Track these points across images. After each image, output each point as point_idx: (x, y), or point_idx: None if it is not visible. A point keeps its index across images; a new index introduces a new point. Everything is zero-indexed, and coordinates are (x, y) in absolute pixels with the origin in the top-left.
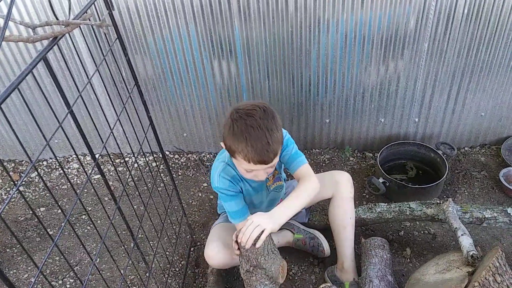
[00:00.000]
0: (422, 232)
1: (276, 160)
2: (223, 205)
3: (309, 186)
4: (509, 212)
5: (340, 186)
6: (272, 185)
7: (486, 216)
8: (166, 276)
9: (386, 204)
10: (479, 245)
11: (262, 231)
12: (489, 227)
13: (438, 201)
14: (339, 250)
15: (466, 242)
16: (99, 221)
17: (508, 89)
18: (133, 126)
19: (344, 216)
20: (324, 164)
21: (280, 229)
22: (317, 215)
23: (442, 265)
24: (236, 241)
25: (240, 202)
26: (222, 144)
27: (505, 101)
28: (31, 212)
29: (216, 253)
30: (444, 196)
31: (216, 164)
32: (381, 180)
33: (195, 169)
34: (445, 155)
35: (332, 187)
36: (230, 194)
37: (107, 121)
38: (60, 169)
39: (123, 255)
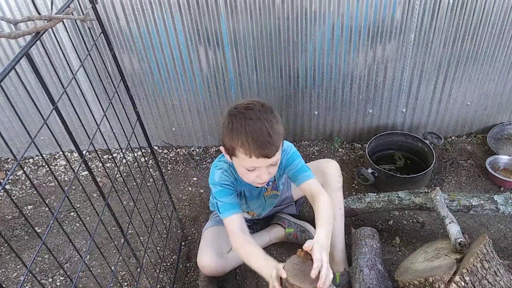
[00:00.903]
0: (410, 221)
1: (278, 156)
2: (216, 200)
3: (328, 204)
4: (495, 199)
5: (328, 177)
6: (270, 195)
7: (473, 203)
8: (158, 271)
9: (375, 194)
10: (466, 232)
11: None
12: (476, 214)
13: (426, 190)
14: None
15: (453, 229)
16: (88, 218)
17: (493, 78)
18: (120, 122)
19: (333, 207)
20: (313, 156)
21: (272, 224)
22: (307, 206)
23: (431, 252)
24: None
25: (235, 198)
26: (221, 148)
27: (490, 90)
28: (18, 210)
29: (209, 263)
30: (432, 185)
31: (220, 163)
32: (370, 170)
33: (185, 164)
34: (432, 145)
35: (320, 178)
36: (228, 188)
37: (94, 117)
38: (46, 166)
39: (114, 251)
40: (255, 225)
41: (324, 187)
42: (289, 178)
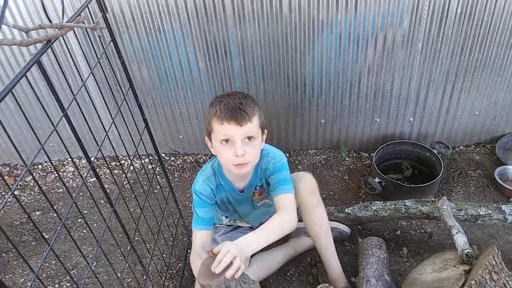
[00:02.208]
0: (418, 231)
1: (253, 131)
2: (193, 208)
3: (283, 220)
4: (503, 209)
5: (300, 197)
6: (258, 201)
7: (481, 213)
8: (163, 278)
9: (381, 202)
10: (475, 243)
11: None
12: (484, 225)
13: (433, 199)
14: (321, 259)
15: (460, 240)
16: (95, 224)
17: (502, 87)
18: (128, 129)
19: (314, 226)
20: (320, 165)
21: (292, 237)
22: None
23: (439, 264)
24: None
25: (211, 212)
26: (206, 138)
27: (499, 100)
28: (26, 216)
29: None
30: (440, 195)
31: (206, 170)
32: (377, 180)
33: (192, 171)
34: (440, 154)
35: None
36: (205, 201)
37: (102, 124)
38: (55, 172)
39: (120, 258)
40: None
41: (299, 206)
42: (269, 186)
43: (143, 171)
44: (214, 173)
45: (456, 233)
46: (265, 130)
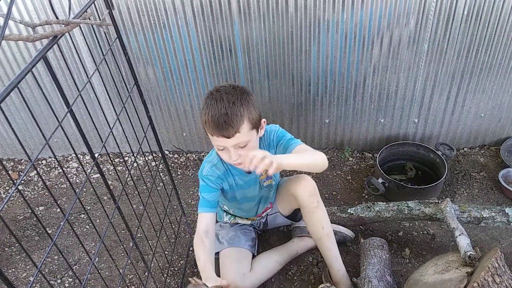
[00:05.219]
0: (421, 232)
1: (244, 139)
2: (200, 193)
3: (315, 152)
4: (507, 212)
5: (299, 200)
6: (265, 180)
7: (484, 215)
8: (165, 275)
9: (384, 203)
10: (478, 245)
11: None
12: (488, 227)
13: (437, 201)
14: (324, 260)
15: (463, 242)
16: (98, 221)
17: (508, 90)
18: (132, 126)
19: (315, 228)
20: None
21: (296, 237)
22: None
23: (441, 265)
24: None
25: (216, 196)
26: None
27: (505, 102)
28: (30, 211)
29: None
30: (443, 197)
31: (212, 156)
32: (380, 180)
33: (195, 169)
34: (444, 156)
35: (293, 201)
36: (211, 186)
37: (107, 120)
38: (59, 168)
39: (122, 254)
40: (263, 234)
41: (301, 208)
42: (283, 151)
43: (146, 168)
44: (220, 159)
45: (459, 235)
46: (263, 120)
